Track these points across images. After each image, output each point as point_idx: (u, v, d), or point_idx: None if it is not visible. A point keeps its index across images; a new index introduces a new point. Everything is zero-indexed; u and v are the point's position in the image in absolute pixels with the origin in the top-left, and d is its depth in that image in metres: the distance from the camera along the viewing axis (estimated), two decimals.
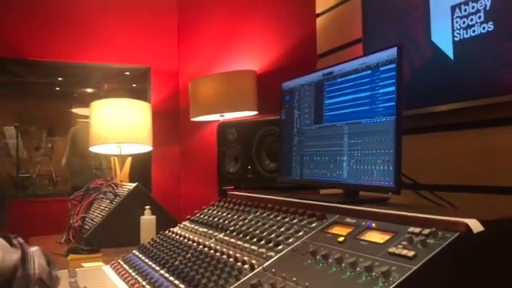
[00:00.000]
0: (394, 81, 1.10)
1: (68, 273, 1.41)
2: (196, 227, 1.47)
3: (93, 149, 2.96)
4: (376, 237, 0.92)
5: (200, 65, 3.51)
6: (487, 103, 1.36)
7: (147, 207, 2.02)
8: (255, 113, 2.69)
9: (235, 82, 2.69)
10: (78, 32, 3.54)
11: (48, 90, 4.63)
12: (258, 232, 1.19)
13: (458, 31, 1.46)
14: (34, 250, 1.01)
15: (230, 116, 2.76)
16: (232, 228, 1.30)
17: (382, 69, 1.14)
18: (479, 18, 1.39)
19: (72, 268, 1.49)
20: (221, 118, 2.76)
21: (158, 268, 1.26)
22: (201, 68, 3.45)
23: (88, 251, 1.90)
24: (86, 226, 2.18)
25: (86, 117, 3.50)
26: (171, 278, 1.15)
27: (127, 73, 4.12)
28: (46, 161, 4.70)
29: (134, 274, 1.31)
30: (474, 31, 1.41)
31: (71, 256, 1.87)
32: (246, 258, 1.07)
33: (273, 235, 1.13)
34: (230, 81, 2.71)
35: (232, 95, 2.68)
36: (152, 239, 1.56)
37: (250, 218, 1.33)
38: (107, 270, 1.47)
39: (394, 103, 1.09)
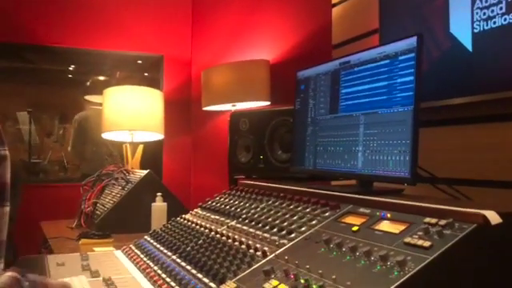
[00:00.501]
0: (412, 70, 1.08)
1: (80, 256, 1.42)
2: (208, 214, 1.47)
3: (105, 135, 2.98)
4: (391, 227, 0.91)
5: (213, 54, 3.50)
6: (507, 96, 1.34)
7: (159, 194, 2.03)
8: (268, 103, 2.68)
9: (248, 71, 2.68)
10: (92, 19, 3.54)
11: (61, 77, 4.65)
12: (270, 220, 1.18)
13: (477, 23, 1.44)
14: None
15: (242, 106, 2.75)
16: (244, 216, 1.30)
17: (400, 58, 1.12)
18: (500, 9, 1.36)
19: (84, 252, 1.50)
20: (233, 108, 2.76)
21: (169, 253, 1.26)
22: (214, 57, 3.44)
23: (99, 236, 1.91)
24: (98, 212, 2.20)
25: (99, 104, 3.51)
26: (183, 264, 1.15)
27: (139, 61, 4.12)
28: (57, 147, 4.73)
29: (145, 258, 1.32)
30: (494, 23, 1.38)
31: (83, 240, 1.89)
32: (258, 245, 1.07)
33: (285, 223, 1.12)
34: (243, 70, 2.70)
35: (245, 85, 2.67)
36: (164, 225, 1.56)
37: (262, 206, 1.32)
38: (119, 254, 1.48)
39: (412, 93, 1.07)
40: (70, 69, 4.52)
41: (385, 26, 1.83)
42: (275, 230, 1.12)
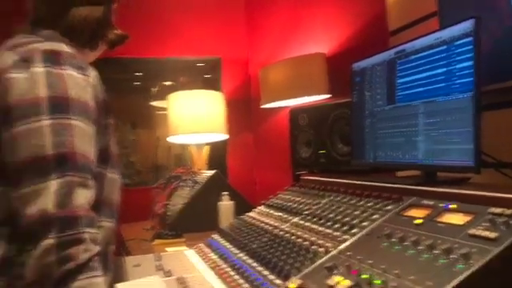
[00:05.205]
0: (471, 55, 1.04)
1: (154, 257, 1.51)
2: (271, 212, 1.50)
3: (170, 139, 3.10)
4: (455, 218, 0.89)
5: (269, 51, 3.53)
6: None
7: (225, 193, 2.09)
8: (327, 96, 2.66)
9: (304, 66, 2.67)
10: (153, 29, 3.70)
11: (128, 85, 4.89)
12: (332, 215, 1.19)
13: None
14: None
15: (301, 101, 2.76)
16: (306, 212, 1.31)
17: (457, 43, 1.08)
18: None
19: (157, 252, 1.59)
20: (292, 104, 2.77)
21: (236, 251, 1.31)
22: (270, 55, 3.46)
23: (172, 236, 2.01)
24: (169, 213, 2.30)
25: (164, 109, 3.66)
26: (250, 261, 1.19)
27: (200, 64, 4.24)
28: (129, 153, 4.98)
29: (214, 257, 1.37)
30: None
31: (156, 241, 1.99)
32: (320, 242, 1.08)
33: (347, 218, 1.13)
34: (299, 65, 2.70)
35: (302, 80, 2.66)
36: (230, 224, 1.62)
37: (324, 201, 1.33)
38: (190, 253, 1.55)
39: (471, 79, 1.03)
40: (137, 77, 4.74)
41: (443, 7, 1.76)
42: (337, 225, 1.12)
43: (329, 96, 2.66)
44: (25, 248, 0.80)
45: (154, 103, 4.76)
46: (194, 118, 2.91)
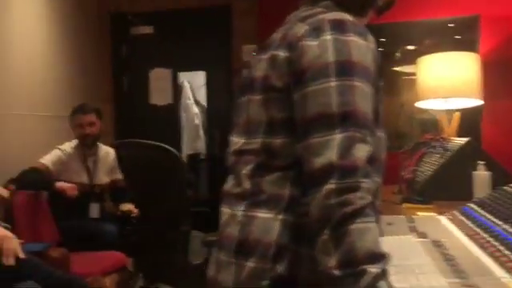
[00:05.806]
0: None
1: (406, 218, 1.55)
2: None
3: (419, 104, 3.02)
4: None
5: None
6: None
7: (481, 162, 1.95)
8: None
9: None
10: None
11: None
12: None
13: None
14: None
15: None
16: None
17: None
18: None
19: (408, 215, 1.62)
20: None
21: (499, 222, 1.23)
22: None
23: (420, 202, 2.00)
24: (417, 179, 2.29)
25: (408, 74, 3.57)
26: None
27: (451, 24, 3.95)
28: None
29: (472, 225, 1.33)
30: None
31: (405, 205, 2.02)
32: None
33: None
34: None
35: None
36: (489, 194, 1.52)
37: None
38: (442, 219, 1.53)
39: None
40: (381, 42, 4.72)
41: None
42: None
43: None
44: (309, 190, 0.93)
45: (397, 68, 4.67)
46: (445, 83, 2.76)
